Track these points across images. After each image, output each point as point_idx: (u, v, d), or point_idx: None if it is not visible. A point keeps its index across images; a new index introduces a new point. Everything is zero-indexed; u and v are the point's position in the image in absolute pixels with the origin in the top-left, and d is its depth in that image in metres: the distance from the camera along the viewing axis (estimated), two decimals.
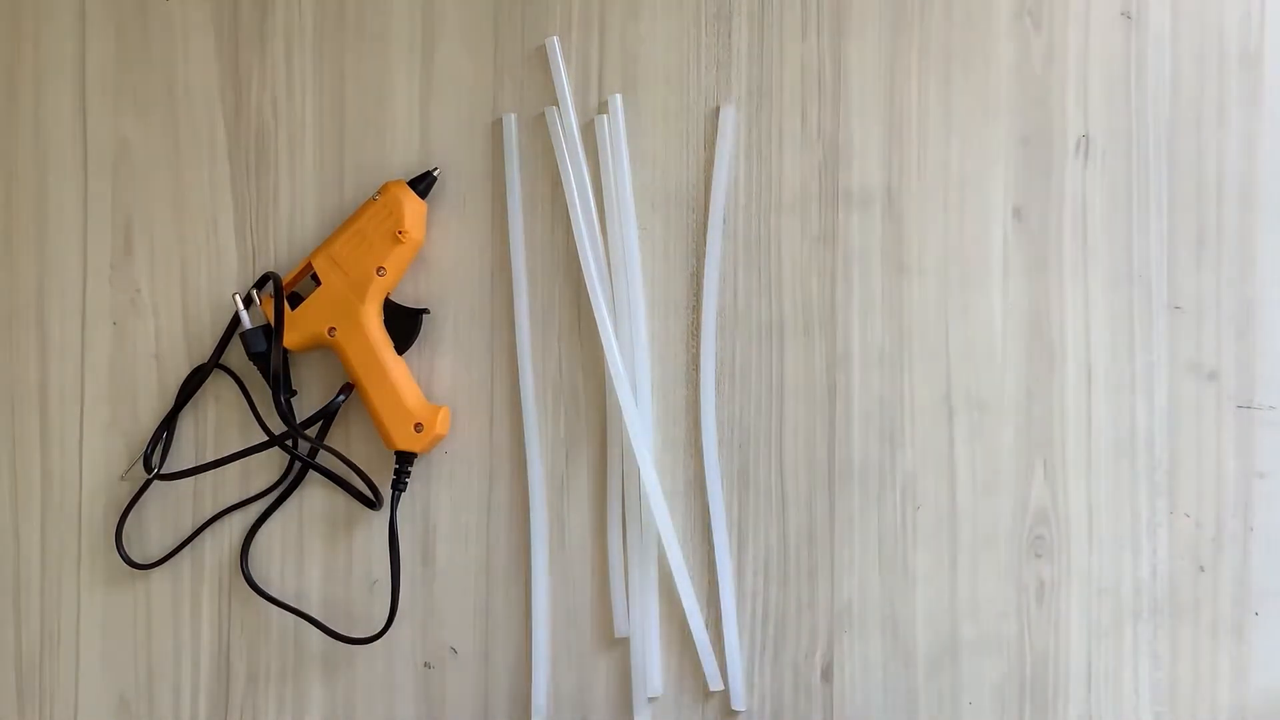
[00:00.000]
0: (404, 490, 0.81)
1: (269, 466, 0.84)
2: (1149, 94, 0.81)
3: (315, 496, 0.84)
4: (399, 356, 0.81)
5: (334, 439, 0.83)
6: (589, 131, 0.83)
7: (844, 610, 0.81)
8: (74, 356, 0.85)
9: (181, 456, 0.84)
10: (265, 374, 0.81)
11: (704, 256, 0.82)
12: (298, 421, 0.81)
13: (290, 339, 0.80)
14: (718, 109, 0.82)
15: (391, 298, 0.82)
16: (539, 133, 0.83)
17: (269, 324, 0.81)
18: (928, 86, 0.82)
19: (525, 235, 0.83)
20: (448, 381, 0.83)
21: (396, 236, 0.79)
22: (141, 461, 0.83)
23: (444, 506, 0.83)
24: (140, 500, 0.83)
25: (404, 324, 0.81)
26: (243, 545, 0.83)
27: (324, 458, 0.82)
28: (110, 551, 0.83)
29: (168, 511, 0.84)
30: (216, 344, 0.83)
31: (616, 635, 0.81)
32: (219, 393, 0.84)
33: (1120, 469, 0.81)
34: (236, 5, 0.85)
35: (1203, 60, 0.81)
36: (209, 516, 0.83)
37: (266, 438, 0.81)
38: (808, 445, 0.82)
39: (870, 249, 0.82)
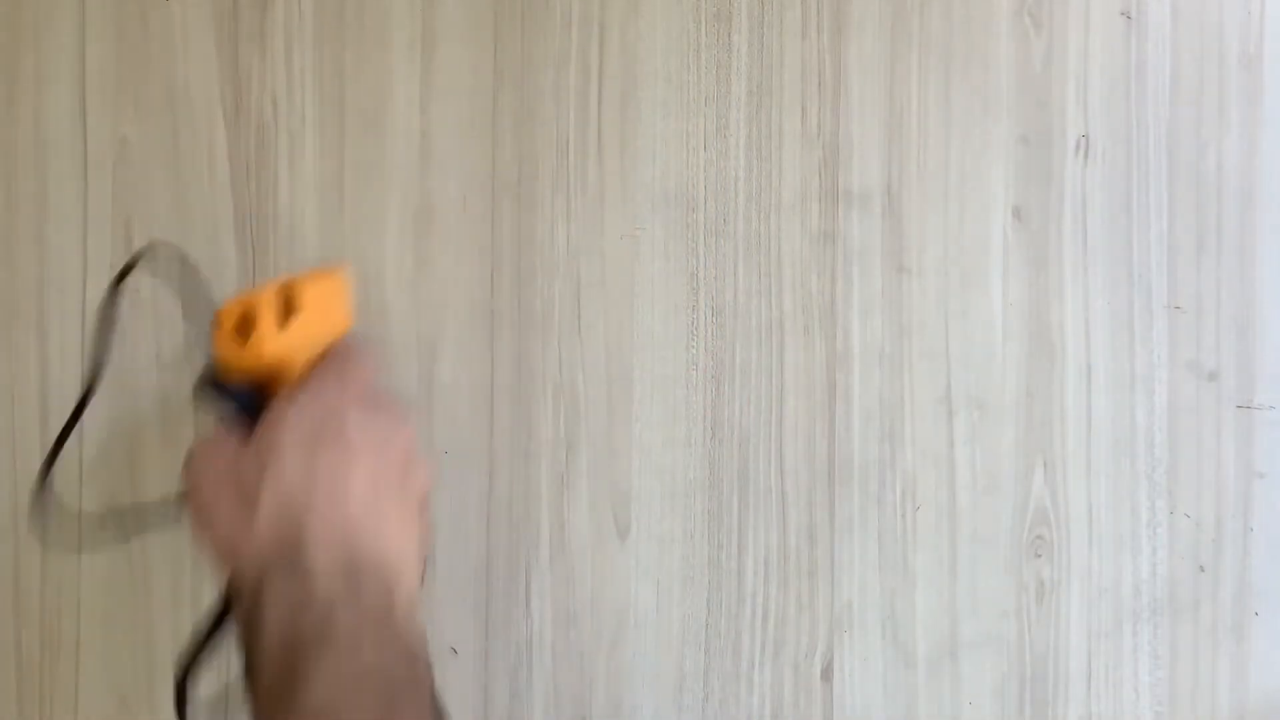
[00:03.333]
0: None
1: None
2: (1149, 94, 0.81)
3: None
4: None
5: None
6: (586, 130, 0.83)
7: (844, 610, 0.81)
8: (74, 356, 0.85)
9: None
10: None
11: (704, 256, 0.83)
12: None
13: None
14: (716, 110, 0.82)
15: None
16: (542, 130, 0.83)
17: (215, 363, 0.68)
18: (928, 86, 0.82)
19: (525, 234, 0.83)
20: (448, 381, 0.83)
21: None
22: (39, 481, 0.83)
23: (444, 506, 0.83)
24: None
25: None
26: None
27: None
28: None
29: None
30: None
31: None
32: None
33: (1120, 469, 0.81)
34: (236, 5, 0.85)
35: (1203, 60, 0.81)
36: None
37: None
38: (808, 445, 0.82)
39: (870, 249, 0.82)
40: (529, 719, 0.82)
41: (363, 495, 0.63)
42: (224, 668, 0.81)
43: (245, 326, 0.65)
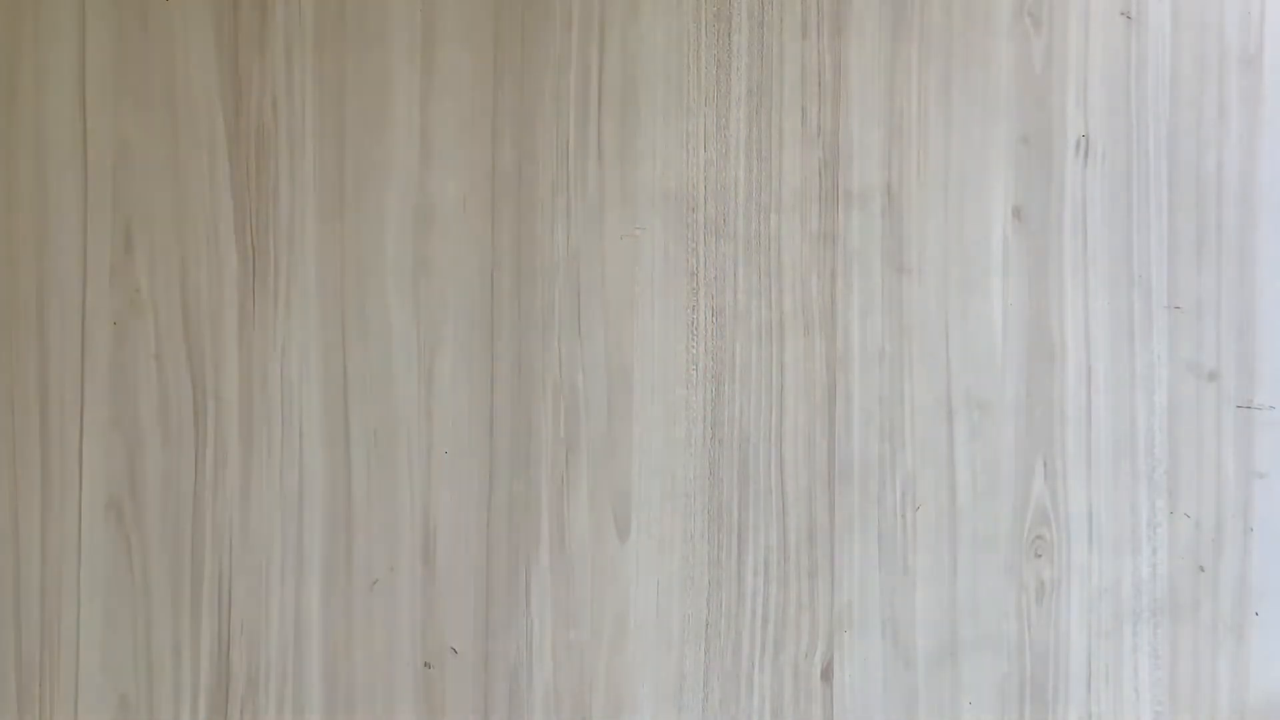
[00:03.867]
0: None
1: None
2: (1149, 94, 0.81)
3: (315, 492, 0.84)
4: None
5: None
6: (586, 130, 0.83)
7: (844, 610, 0.81)
8: (74, 356, 0.85)
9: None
10: None
11: (704, 256, 0.83)
12: None
13: None
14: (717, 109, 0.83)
15: None
16: (542, 131, 0.83)
17: None
18: (928, 86, 0.82)
19: (525, 234, 0.83)
20: (448, 380, 0.83)
21: None
22: None
23: (444, 506, 0.83)
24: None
25: None
26: None
27: None
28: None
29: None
30: None
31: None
32: None
33: (1120, 469, 0.81)
34: (236, 5, 0.85)
35: (1203, 60, 0.81)
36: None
37: None
38: (808, 445, 0.82)
39: (870, 249, 0.82)
40: (529, 719, 0.82)
41: None
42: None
43: None
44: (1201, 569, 0.80)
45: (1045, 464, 0.81)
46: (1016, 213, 0.82)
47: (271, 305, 0.83)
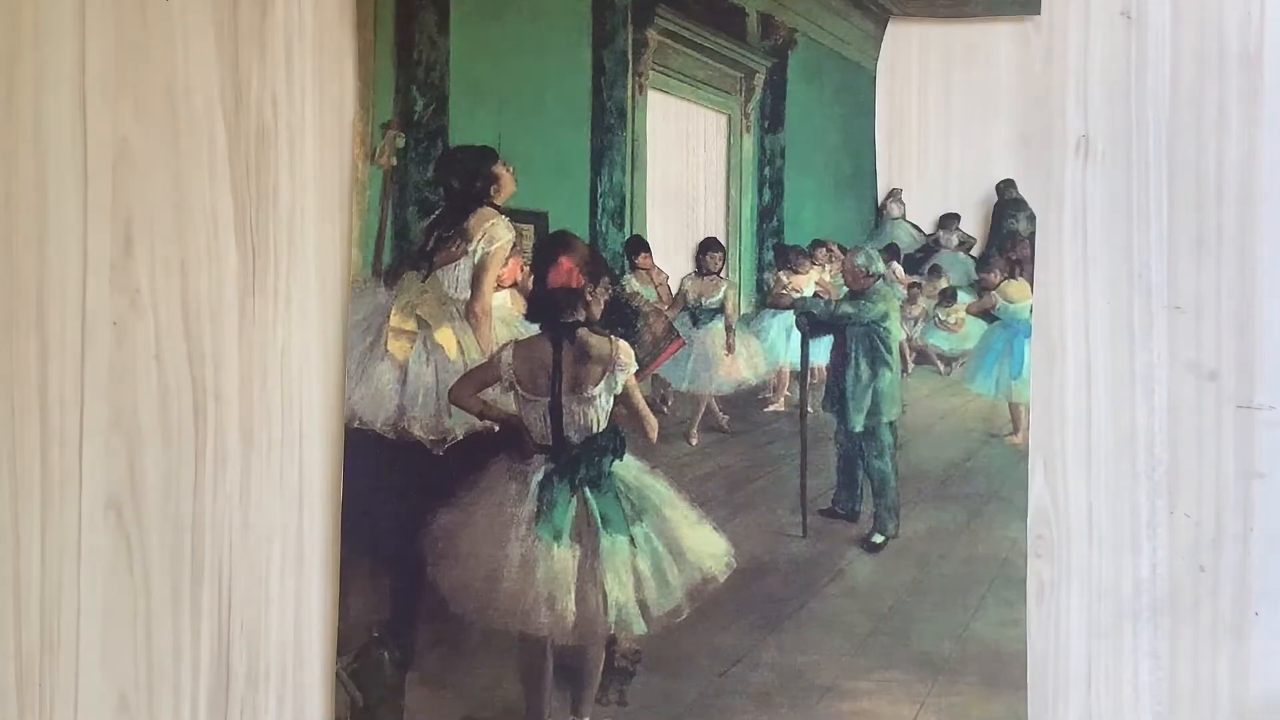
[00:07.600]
0: None
1: None
2: (1149, 94, 0.81)
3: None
4: None
5: None
6: None
7: None
8: (74, 356, 0.85)
9: None
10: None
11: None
12: None
13: None
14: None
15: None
16: None
17: None
18: (928, 86, 0.82)
19: None
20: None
21: None
22: None
23: None
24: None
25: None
26: None
27: None
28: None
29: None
30: None
31: None
32: None
33: (1120, 469, 0.81)
34: (236, 5, 0.85)
35: (1203, 60, 0.81)
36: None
37: None
38: None
39: None
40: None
41: None
42: None
43: None
44: (1201, 569, 0.80)
45: (1045, 464, 0.81)
46: None
47: (271, 305, 0.83)
